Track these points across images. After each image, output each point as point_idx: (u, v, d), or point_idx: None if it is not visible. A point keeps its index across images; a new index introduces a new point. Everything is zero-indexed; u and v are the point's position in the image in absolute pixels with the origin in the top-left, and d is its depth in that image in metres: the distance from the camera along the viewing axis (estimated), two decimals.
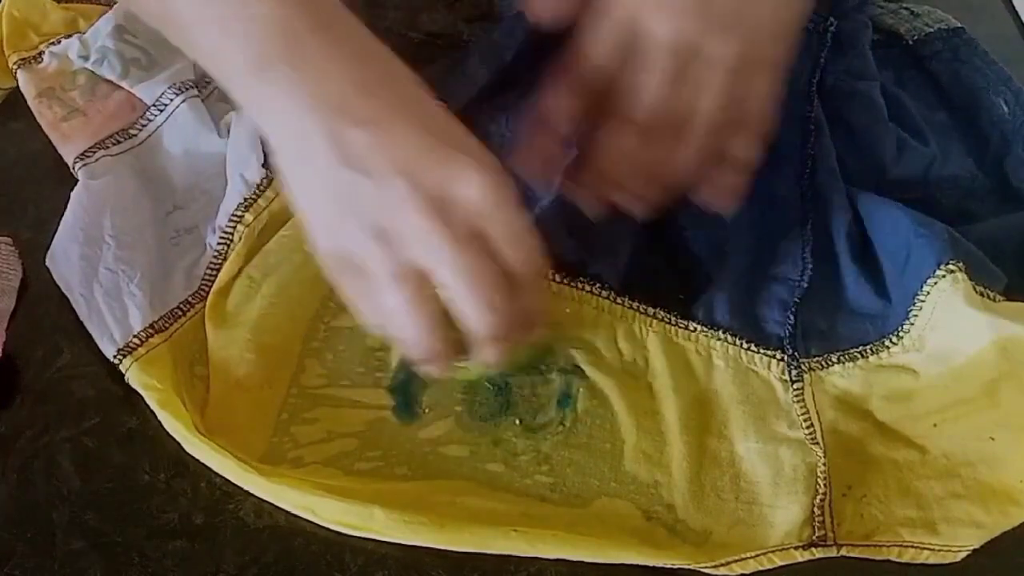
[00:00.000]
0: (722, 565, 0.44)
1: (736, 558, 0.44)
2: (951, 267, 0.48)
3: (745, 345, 0.50)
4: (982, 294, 0.49)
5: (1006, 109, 0.59)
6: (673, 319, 0.50)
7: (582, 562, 0.44)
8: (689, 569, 0.44)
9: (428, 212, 0.39)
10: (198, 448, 0.45)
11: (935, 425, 0.47)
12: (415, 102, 0.42)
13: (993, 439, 0.46)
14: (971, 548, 0.44)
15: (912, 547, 0.45)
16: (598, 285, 0.50)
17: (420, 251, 0.40)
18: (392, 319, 0.42)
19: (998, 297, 0.50)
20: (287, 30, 0.40)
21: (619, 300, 0.50)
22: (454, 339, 0.42)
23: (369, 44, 0.42)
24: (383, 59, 0.42)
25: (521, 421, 0.48)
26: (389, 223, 0.40)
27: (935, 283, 0.48)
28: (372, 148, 0.40)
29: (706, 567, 0.44)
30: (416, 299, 0.40)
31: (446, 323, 0.41)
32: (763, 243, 0.54)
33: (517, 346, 0.43)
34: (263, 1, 0.40)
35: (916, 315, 0.49)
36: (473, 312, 0.40)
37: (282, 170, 0.43)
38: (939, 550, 0.44)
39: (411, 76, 0.42)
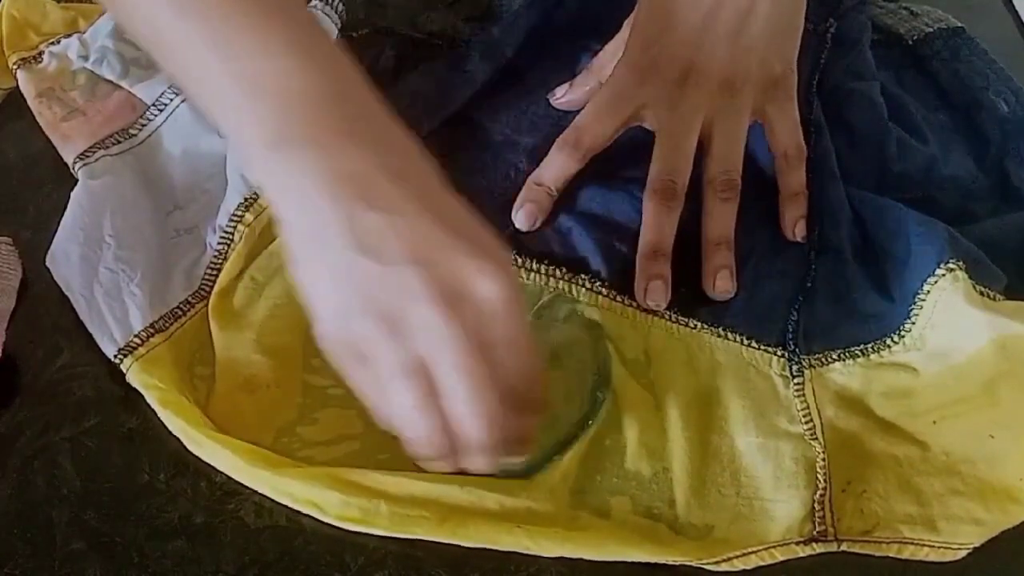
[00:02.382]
0: (724, 561, 0.44)
1: (737, 553, 0.44)
2: (951, 266, 0.48)
3: (746, 342, 0.50)
4: (982, 293, 0.49)
5: (1006, 109, 0.60)
6: (674, 315, 0.50)
7: (582, 562, 0.44)
8: (690, 566, 0.44)
9: (440, 304, 0.38)
10: (201, 445, 0.45)
11: (935, 422, 0.47)
12: (435, 192, 0.40)
13: (993, 437, 0.46)
14: (971, 546, 0.44)
15: (912, 544, 0.45)
16: (599, 283, 0.50)
17: (427, 345, 0.38)
18: (399, 414, 0.41)
19: (998, 296, 0.50)
20: (309, 106, 0.39)
21: (620, 298, 0.50)
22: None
23: (392, 128, 0.41)
24: (405, 145, 0.41)
25: None
26: (399, 312, 0.38)
27: (935, 282, 0.48)
28: (388, 234, 0.38)
29: (707, 563, 0.44)
30: (422, 394, 0.39)
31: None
32: (765, 242, 0.54)
33: (505, 457, 0.42)
34: (287, 61, 0.39)
35: (917, 314, 0.49)
36: (470, 421, 0.39)
37: (291, 249, 0.41)
38: (939, 547, 0.44)
39: (430, 164, 0.41)
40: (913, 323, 0.49)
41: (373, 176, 0.39)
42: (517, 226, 0.52)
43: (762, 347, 0.50)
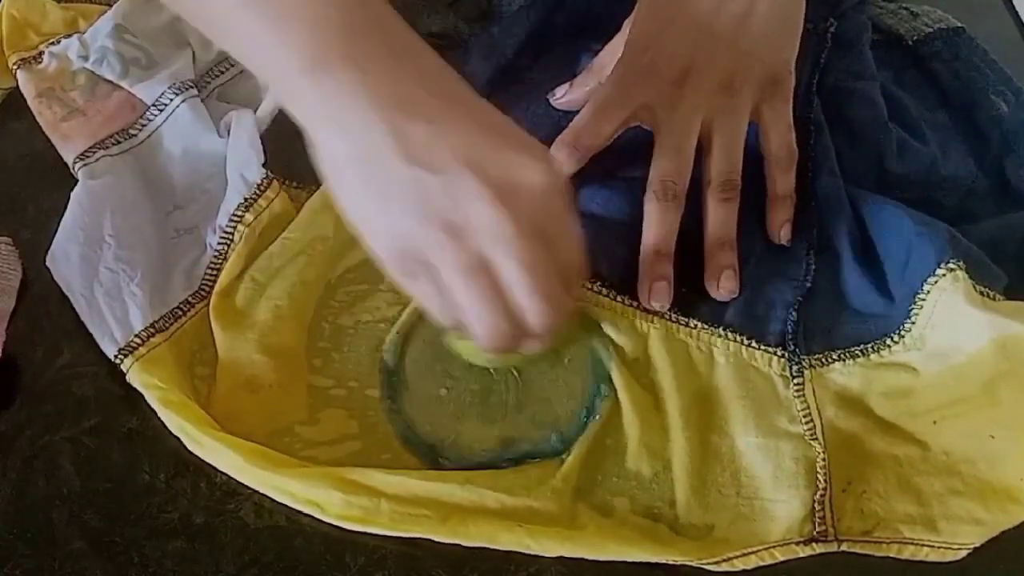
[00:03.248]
0: (724, 561, 0.44)
1: (738, 553, 0.44)
2: (951, 266, 0.48)
3: (746, 342, 0.50)
4: (983, 293, 0.49)
5: (1006, 109, 0.59)
6: (674, 316, 0.50)
7: (582, 562, 0.44)
8: (690, 566, 0.44)
9: (496, 199, 0.39)
10: (202, 445, 0.45)
11: (935, 422, 0.47)
12: (469, 98, 0.42)
13: (993, 437, 0.46)
14: (971, 546, 0.44)
15: (912, 544, 0.45)
16: (599, 283, 0.50)
17: (488, 241, 0.40)
18: (466, 312, 0.41)
19: (998, 296, 0.50)
20: (343, 29, 0.40)
21: (619, 298, 0.50)
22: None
23: (418, 43, 0.42)
24: (433, 58, 0.42)
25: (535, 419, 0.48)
26: (456, 215, 0.39)
27: (935, 282, 0.48)
28: (434, 142, 0.39)
29: (708, 563, 0.44)
30: (489, 289, 0.40)
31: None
32: (765, 242, 0.54)
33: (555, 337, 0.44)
34: (313, 1, 0.40)
35: (917, 314, 0.49)
36: (534, 305, 0.41)
37: (332, 175, 0.41)
38: (939, 547, 0.44)
39: (460, 78, 0.42)
40: (913, 323, 0.49)
41: (413, 91, 0.40)
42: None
43: (762, 347, 0.50)
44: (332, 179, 0.42)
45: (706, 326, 0.50)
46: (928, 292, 0.48)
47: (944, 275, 0.48)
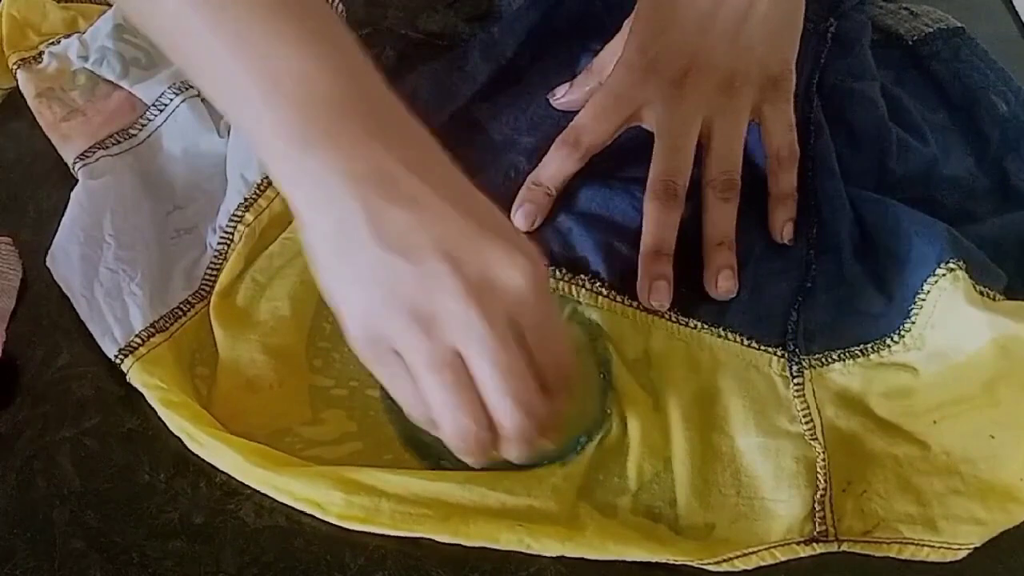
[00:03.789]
0: (724, 560, 0.44)
1: (738, 553, 0.44)
2: (951, 266, 0.48)
3: (746, 342, 0.50)
4: (983, 293, 0.49)
5: (1006, 109, 0.59)
6: (675, 315, 0.50)
7: (582, 562, 0.44)
8: (690, 566, 0.44)
9: (470, 296, 0.38)
10: (203, 445, 0.45)
11: (935, 422, 0.47)
12: (456, 184, 0.41)
13: (993, 437, 0.46)
14: (972, 546, 0.44)
15: (913, 544, 0.45)
16: (599, 283, 0.50)
17: (459, 337, 0.39)
18: (432, 408, 0.40)
19: (998, 296, 0.50)
20: (331, 105, 0.39)
21: (620, 298, 0.50)
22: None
23: (410, 123, 0.41)
24: (423, 140, 0.41)
25: None
26: (428, 307, 0.38)
27: (935, 282, 0.48)
28: (413, 228, 0.38)
29: (708, 563, 0.44)
30: (457, 386, 0.39)
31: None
32: (765, 242, 0.54)
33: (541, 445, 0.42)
34: (307, 60, 0.39)
35: (917, 314, 0.49)
36: (506, 409, 0.39)
37: (313, 250, 0.41)
38: (940, 547, 0.44)
39: (448, 158, 0.41)
40: (913, 323, 0.49)
41: (395, 173, 0.39)
42: (516, 226, 0.51)
43: (762, 347, 0.50)
44: (311, 253, 0.41)
45: (706, 326, 0.50)
46: (928, 292, 0.48)
47: (944, 275, 0.48)
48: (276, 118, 0.39)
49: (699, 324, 0.50)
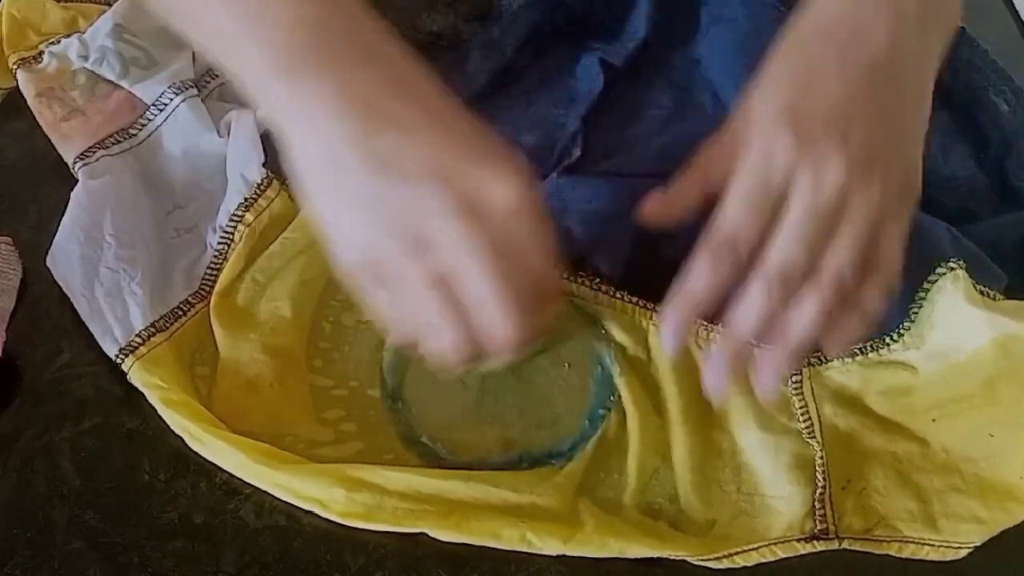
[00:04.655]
0: (724, 557, 0.44)
1: (738, 550, 0.44)
2: (951, 266, 0.48)
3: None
4: (983, 293, 0.49)
5: (1006, 109, 0.59)
6: None
7: (582, 562, 0.44)
8: (690, 564, 0.44)
9: (463, 215, 0.38)
10: (204, 443, 0.45)
11: (934, 420, 0.47)
12: (444, 107, 0.41)
13: (992, 436, 0.46)
14: (972, 545, 0.44)
15: (913, 543, 0.45)
16: (599, 280, 0.50)
17: (453, 255, 0.39)
18: (426, 327, 0.41)
19: (998, 296, 0.50)
20: (317, 31, 0.39)
21: (619, 294, 0.50)
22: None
23: (395, 48, 0.41)
24: (409, 63, 0.41)
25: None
26: (422, 227, 0.39)
27: (935, 281, 0.48)
28: (403, 151, 0.39)
29: (708, 559, 0.44)
30: (451, 305, 0.40)
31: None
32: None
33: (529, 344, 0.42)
34: (289, 2, 0.39)
35: (916, 312, 0.49)
36: (499, 320, 0.40)
37: (304, 178, 0.41)
38: (940, 546, 0.44)
39: (437, 83, 0.41)
40: (912, 322, 0.49)
41: (383, 97, 0.39)
42: (664, 348, 0.44)
43: (760, 345, 0.49)
44: (302, 181, 0.41)
45: (704, 323, 0.50)
46: (928, 291, 0.48)
47: (944, 274, 0.48)
48: (263, 47, 0.39)
49: (698, 320, 0.50)
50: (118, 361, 0.47)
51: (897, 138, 0.44)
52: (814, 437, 0.47)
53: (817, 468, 0.46)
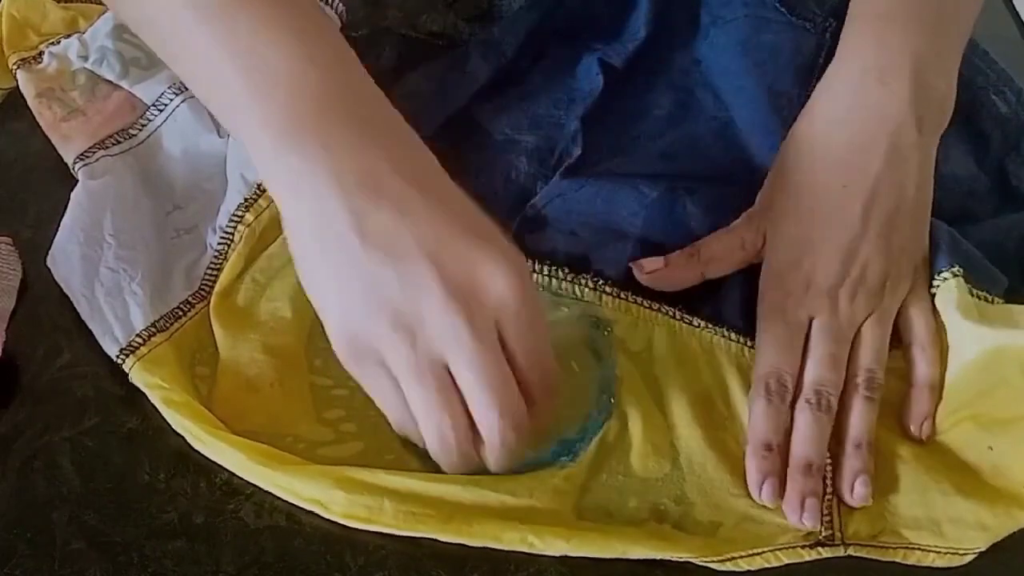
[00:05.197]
0: (728, 560, 0.43)
1: (743, 553, 0.43)
2: (946, 276, 0.48)
3: (749, 343, 0.49)
4: (982, 298, 0.49)
5: (1006, 109, 0.59)
6: (677, 314, 0.50)
7: (582, 562, 0.44)
8: (693, 566, 0.44)
9: (453, 301, 0.37)
10: (206, 443, 0.45)
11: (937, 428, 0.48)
12: (442, 188, 0.40)
13: (991, 448, 0.46)
14: (976, 551, 0.44)
15: (918, 549, 0.44)
16: (601, 280, 0.50)
17: (443, 345, 0.38)
18: (416, 414, 0.40)
19: (997, 300, 0.50)
20: (318, 101, 0.38)
21: (622, 294, 0.50)
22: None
23: (398, 124, 0.40)
24: (410, 140, 0.40)
25: None
26: (412, 312, 0.38)
27: (937, 285, 0.48)
28: (398, 232, 0.38)
29: (712, 561, 0.43)
30: (441, 394, 0.39)
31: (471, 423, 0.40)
32: None
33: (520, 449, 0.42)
34: (295, 59, 0.38)
35: None
36: (490, 420, 0.39)
37: (297, 249, 0.40)
38: (945, 552, 0.44)
39: (435, 160, 0.41)
40: None
41: (381, 173, 0.38)
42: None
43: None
44: (293, 250, 0.40)
45: (709, 326, 0.50)
46: None
47: (939, 285, 0.49)
48: (263, 114, 0.39)
49: (702, 323, 0.50)
50: (119, 361, 0.47)
51: (909, 251, 0.49)
52: None
53: (824, 474, 0.46)
